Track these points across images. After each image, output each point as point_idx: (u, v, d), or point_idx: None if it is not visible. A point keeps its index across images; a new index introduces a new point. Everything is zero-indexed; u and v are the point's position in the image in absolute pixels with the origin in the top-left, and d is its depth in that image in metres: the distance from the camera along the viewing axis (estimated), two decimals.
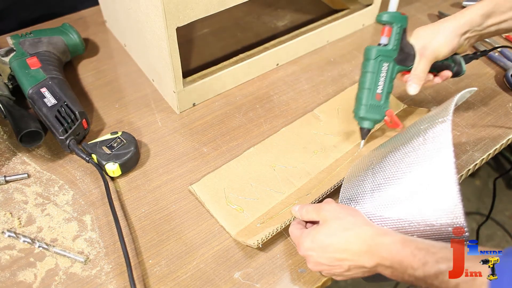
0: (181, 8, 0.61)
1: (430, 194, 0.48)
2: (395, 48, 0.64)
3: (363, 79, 0.66)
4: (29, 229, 0.58)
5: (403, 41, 0.64)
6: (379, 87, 0.65)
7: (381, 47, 0.64)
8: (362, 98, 0.66)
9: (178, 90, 0.71)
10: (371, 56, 0.64)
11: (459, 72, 0.68)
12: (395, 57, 0.64)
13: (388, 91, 0.66)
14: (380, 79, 0.65)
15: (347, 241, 0.48)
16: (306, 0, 1.02)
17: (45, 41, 0.76)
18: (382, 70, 0.64)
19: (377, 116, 0.66)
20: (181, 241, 0.58)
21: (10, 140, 0.69)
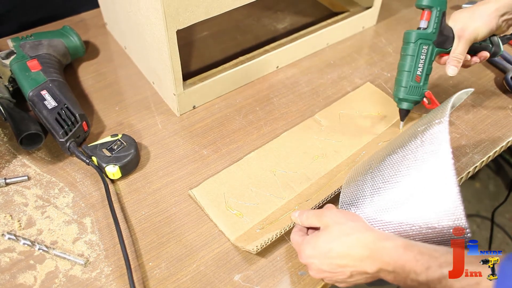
0: (181, 11, 0.61)
1: (430, 196, 0.48)
2: (435, 31, 0.66)
3: (403, 62, 0.68)
4: (29, 232, 0.58)
5: (442, 24, 0.66)
6: (419, 69, 0.67)
7: (420, 30, 0.66)
8: (402, 80, 0.68)
9: (178, 93, 0.71)
10: (411, 40, 0.66)
11: (497, 52, 0.70)
12: (435, 40, 0.66)
13: (427, 73, 0.68)
14: (419, 62, 0.67)
15: (348, 246, 0.47)
16: (306, 3, 1.02)
17: (46, 43, 0.76)
18: (421, 52, 0.67)
19: (416, 97, 0.68)
20: (181, 244, 0.58)
21: (10, 142, 0.69)
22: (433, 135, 0.50)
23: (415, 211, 0.49)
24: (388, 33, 0.93)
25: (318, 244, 0.49)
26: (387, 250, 0.45)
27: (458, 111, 0.76)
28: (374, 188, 0.53)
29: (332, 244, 0.48)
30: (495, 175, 1.65)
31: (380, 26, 0.95)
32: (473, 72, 0.84)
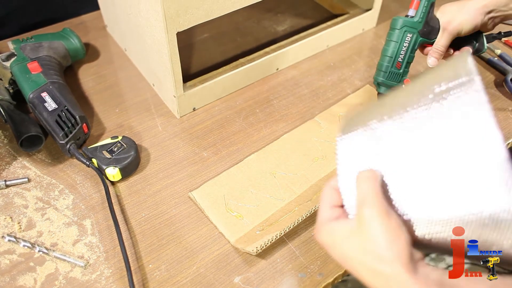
0: (181, 13, 0.61)
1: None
2: (421, 20, 0.67)
3: (386, 47, 0.69)
4: (29, 234, 0.58)
5: (429, 14, 0.67)
6: (401, 56, 0.68)
7: (407, 18, 0.67)
8: (382, 64, 0.69)
9: (178, 95, 0.71)
10: (397, 26, 0.67)
11: (480, 50, 0.70)
12: (420, 29, 0.67)
13: (409, 61, 0.69)
14: (402, 49, 0.68)
15: (373, 276, 0.38)
16: (306, 5, 1.02)
17: (46, 45, 0.76)
18: (405, 40, 0.68)
19: (394, 83, 0.70)
20: (181, 246, 0.58)
21: (10, 144, 0.69)
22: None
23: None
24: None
25: (341, 246, 0.39)
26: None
27: None
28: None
29: (356, 258, 0.38)
30: None
31: (380, 28, 0.96)
32: None
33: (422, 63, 0.85)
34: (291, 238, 0.59)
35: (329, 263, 0.56)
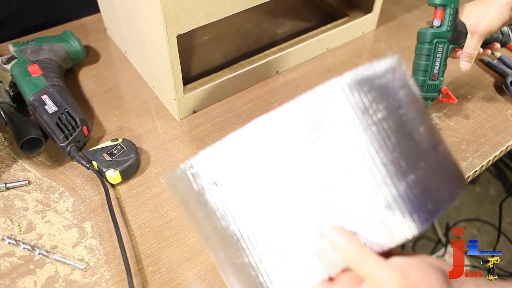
0: (181, 16, 0.61)
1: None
2: (449, 29, 0.66)
3: (418, 61, 0.68)
4: (29, 236, 0.58)
5: (456, 20, 0.66)
6: (435, 67, 0.68)
7: (435, 29, 0.66)
8: (418, 79, 0.69)
9: (178, 97, 0.71)
10: (427, 39, 0.66)
11: (506, 42, 0.71)
12: (449, 37, 0.66)
13: (443, 70, 0.69)
14: (436, 61, 0.68)
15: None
16: (306, 8, 1.02)
17: (46, 48, 0.76)
18: (438, 51, 0.67)
19: (434, 94, 0.70)
20: (181, 248, 0.58)
21: (10, 147, 0.69)
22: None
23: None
24: (387, 37, 0.93)
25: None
26: None
27: (457, 115, 0.76)
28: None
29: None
30: (495, 179, 1.65)
31: (380, 31, 0.96)
32: (473, 76, 0.84)
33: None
34: None
35: None
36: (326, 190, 0.34)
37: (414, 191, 0.34)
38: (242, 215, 0.36)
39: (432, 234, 1.45)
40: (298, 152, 0.34)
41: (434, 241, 1.44)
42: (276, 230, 0.35)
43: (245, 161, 0.35)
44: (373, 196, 0.34)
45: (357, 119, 0.34)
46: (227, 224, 0.37)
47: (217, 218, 0.37)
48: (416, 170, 0.35)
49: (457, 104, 0.78)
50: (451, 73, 0.84)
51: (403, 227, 0.34)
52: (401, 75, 0.37)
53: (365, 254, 0.34)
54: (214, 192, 0.36)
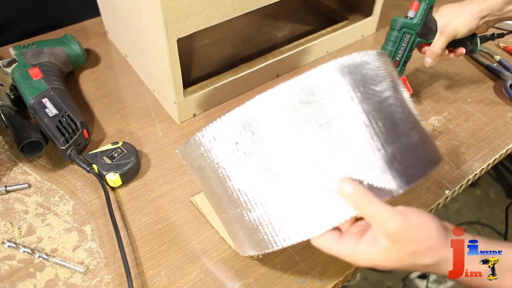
0: (182, 19, 0.61)
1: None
2: (420, 22, 0.69)
3: (385, 46, 0.72)
4: (29, 239, 0.58)
5: (428, 16, 0.69)
6: (398, 55, 0.72)
7: (407, 20, 0.69)
8: None
9: (178, 101, 0.71)
10: (396, 27, 0.70)
11: (473, 50, 0.74)
12: (418, 30, 0.70)
13: (406, 60, 0.72)
14: (400, 48, 0.71)
15: (425, 268, 0.41)
16: (306, 11, 1.02)
17: (47, 51, 0.77)
18: (404, 40, 0.71)
19: None
20: (181, 251, 0.58)
21: (11, 150, 0.70)
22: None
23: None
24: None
25: (378, 264, 0.41)
26: (472, 278, 0.41)
27: (457, 118, 0.76)
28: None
29: (401, 265, 0.40)
30: (495, 182, 1.65)
31: (380, 34, 0.96)
32: (472, 79, 0.84)
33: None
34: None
35: (330, 268, 0.56)
36: (331, 149, 0.40)
37: (400, 157, 0.41)
38: (254, 173, 0.42)
39: None
40: (301, 117, 0.41)
41: None
42: (286, 184, 0.41)
43: (258, 125, 0.41)
44: (370, 156, 0.41)
45: (355, 95, 0.41)
46: (240, 184, 0.43)
47: (229, 180, 0.44)
48: (400, 141, 0.42)
49: (456, 107, 0.78)
50: (451, 76, 0.84)
51: (393, 185, 0.41)
52: (384, 65, 0.45)
53: (370, 198, 0.39)
54: (229, 154, 0.43)
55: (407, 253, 0.39)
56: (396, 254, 0.39)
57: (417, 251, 0.39)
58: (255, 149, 0.42)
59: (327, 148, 0.40)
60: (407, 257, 0.39)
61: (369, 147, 0.41)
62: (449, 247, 0.40)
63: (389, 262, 0.40)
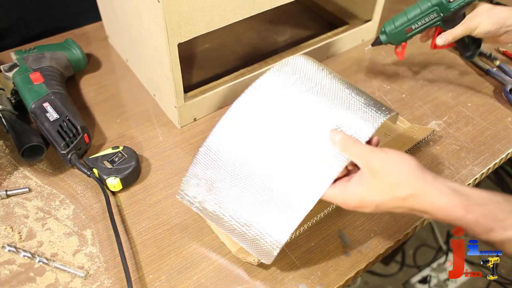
0: (182, 24, 0.62)
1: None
2: (453, 10, 0.70)
3: (412, 9, 0.73)
4: (29, 244, 0.58)
5: (461, 10, 0.71)
6: (416, 25, 0.74)
7: (445, 1, 0.70)
8: (398, 21, 0.75)
9: (179, 105, 0.71)
10: (432, 1, 0.71)
11: (470, 57, 0.79)
12: (446, 15, 0.72)
13: (418, 32, 0.75)
14: (421, 20, 0.73)
15: (404, 202, 0.45)
16: (306, 16, 1.03)
17: (48, 56, 0.77)
18: (429, 16, 0.73)
19: (395, 41, 0.77)
20: (181, 256, 0.58)
21: (12, 154, 0.70)
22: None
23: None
24: (387, 46, 0.93)
25: (364, 199, 0.47)
26: (445, 211, 0.44)
27: (457, 123, 0.76)
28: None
29: (383, 198, 0.46)
30: (496, 187, 1.65)
31: None
32: (472, 84, 0.84)
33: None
34: (292, 248, 0.59)
35: (330, 273, 0.56)
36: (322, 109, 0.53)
37: (372, 103, 0.53)
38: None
39: (433, 242, 1.45)
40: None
41: (435, 249, 1.43)
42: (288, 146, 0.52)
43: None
44: (351, 105, 0.53)
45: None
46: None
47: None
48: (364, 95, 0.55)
49: (456, 112, 0.78)
50: (451, 81, 0.85)
51: (375, 118, 0.51)
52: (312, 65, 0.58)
53: (355, 141, 0.49)
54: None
55: (388, 185, 0.45)
56: (379, 187, 0.46)
57: (396, 183, 0.45)
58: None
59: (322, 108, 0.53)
60: (388, 190, 0.45)
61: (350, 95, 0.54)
62: (425, 182, 0.45)
63: (373, 195, 0.46)
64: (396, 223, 0.61)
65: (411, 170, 0.46)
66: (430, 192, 0.44)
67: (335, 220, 0.62)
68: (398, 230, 0.61)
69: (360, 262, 0.57)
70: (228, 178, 0.54)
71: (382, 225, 0.61)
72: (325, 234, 0.60)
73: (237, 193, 0.53)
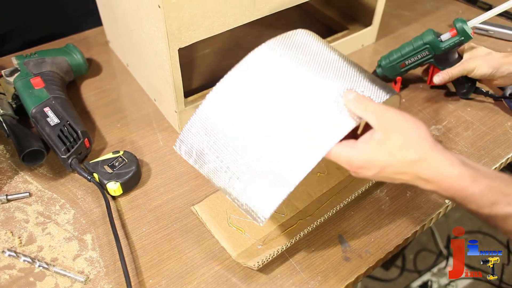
0: (183, 29, 0.62)
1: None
2: (444, 49, 0.74)
3: (407, 46, 0.78)
4: (29, 248, 0.58)
5: (453, 49, 0.75)
6: (409, 61, 0.79)
7: (436, 40, 0.74)
8: (393, 56, 0.80)
9: (179, 110, 0.71)
10: (424, 40, 0.76)
11: (465, 94, 0.81)
12: (438, 54, 0.75)
13: (412, 67, 0.80)
14: (414, 57, 0.78)
15: (411, 166, 0.44)
16: (306, 21, 1.03)
17: (49, 61, 0.77)
18: (421, 53, 0.77)
19: (390, 75, 0.82)
20: (181, 261, 0.58)
21: (12, 159, 0.70)
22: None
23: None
24: (387, 50, 0.93)
25: (371, 158, 0.46)
26: (451, 180, 0.43)
27: (457, 128, 0.76)
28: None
29: (391, 159, 0.45)
30: None
31: (379, 44, 0.97)
32: None
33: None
34: (292, 253, 0.59)
35: (330, 278, 0.56)
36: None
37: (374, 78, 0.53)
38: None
39: (433, 247, 1.45)
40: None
41: (435, 254, 1.43)
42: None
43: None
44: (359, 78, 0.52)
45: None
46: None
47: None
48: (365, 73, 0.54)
49: (456, 116, 0.78)
50: (450, 85, 0.85)
51: (380, 92, 0.51)
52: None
53: (370, 99, 0.48)
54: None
55: (398, 145, 0.44)
56: (388, 147, 0.45)
57: (407, 144, 0.44)
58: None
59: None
60: (398, 150, 0.44)
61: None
62: (435, 150, 0.44)
63: (381, 155, 0.45)
64: (396, 227, 0.61)
65: (424, 135, 0.45)
66: (439, 160, 0.43)
67: (335, 225, 0.62)
68: (398, 235, 0.61)
69: (360, 267, 0.57)
70: (218, 149, 0.53)
71: (382, 230, 0.61)
72: (325, 239, 0.60)
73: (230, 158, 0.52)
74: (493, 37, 0.98)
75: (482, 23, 0.83)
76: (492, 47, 0.88)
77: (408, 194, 0.66)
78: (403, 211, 0.64)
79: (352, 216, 0.63)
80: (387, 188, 0.66)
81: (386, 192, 0.66)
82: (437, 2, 1.11)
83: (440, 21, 1.04)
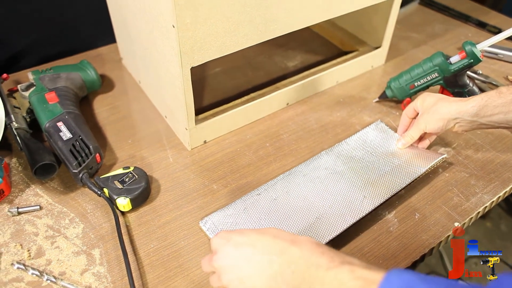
0: (196, 49, 0.63)
1: None
2: (453, 71, 0.76)
3: (416, 68, 0.80)
4: (38, 262, 0.59)
5: (462, 71, 0.76)
6: (418, 82, 0.80)
7: (445, 62, 0.76)
8: (402, 77, 0.81)
9: (190, 127, 0.72)
10: (434, 62, 0.77)
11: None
12: (447, 76, 0.77)
13: (422, 89, 0.81)
14: (423, 79, 0.79)
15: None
16: (316, 42, 1.05)
17: (64, 76, 0.79)
18: (430, 75, 0.78)
19: (400, 96, 0.83)
20: (188, 278, 0.57)
21: (24, 172, 0.71)
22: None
23: None
24: (396, 72, 0.94)
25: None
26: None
27: (467, 150, 0.76)
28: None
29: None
30: (506, 215, 1.62)
31: (389, 65, 0.97)
32: None
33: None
34: None
35: None
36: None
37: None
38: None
39: (442, 269, 1.43)
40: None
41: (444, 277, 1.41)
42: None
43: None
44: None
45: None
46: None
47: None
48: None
49: (465, 139, 0.78)
50: None
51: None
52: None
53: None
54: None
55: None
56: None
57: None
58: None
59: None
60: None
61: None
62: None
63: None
64: (404, 250, 0.61)
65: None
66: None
67: (342, 245, 0.62)
68: (406, 257, 0.60)
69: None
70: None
71: (390, 252, 0.61)
72: None
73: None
74: (502, 60, 0.98)
75: (491, 46, 0.84)
76: (501, 70, 0.89)
77: (417, 216, 0.65)
78: (411, 233, 0.63)
79: (360, 238, 0.63)
80: (395, 210, 0.66)
81: (394, 214, 0.66)
82: (447, 25, 1.12)
83: (450, 43, 1.05)
